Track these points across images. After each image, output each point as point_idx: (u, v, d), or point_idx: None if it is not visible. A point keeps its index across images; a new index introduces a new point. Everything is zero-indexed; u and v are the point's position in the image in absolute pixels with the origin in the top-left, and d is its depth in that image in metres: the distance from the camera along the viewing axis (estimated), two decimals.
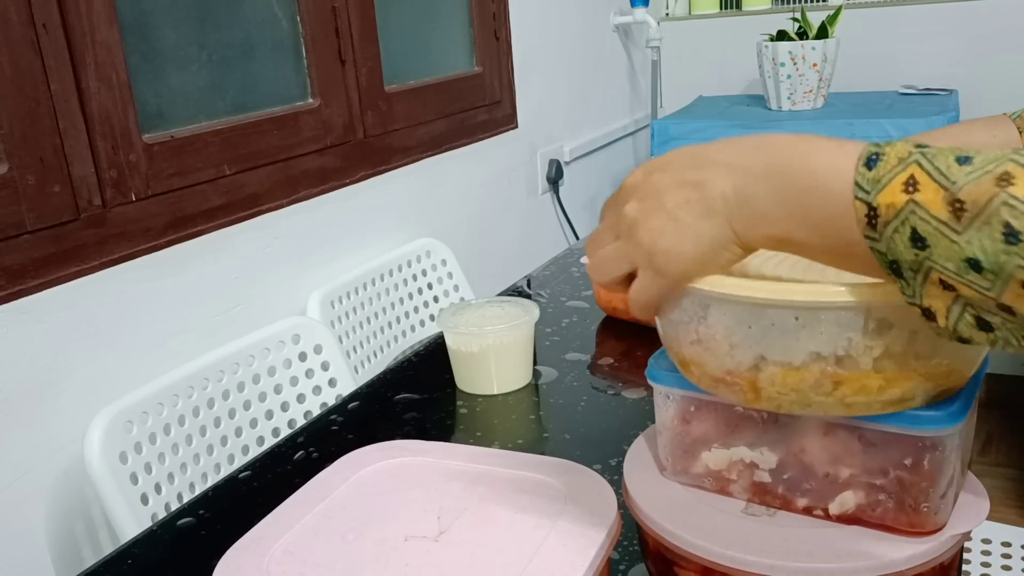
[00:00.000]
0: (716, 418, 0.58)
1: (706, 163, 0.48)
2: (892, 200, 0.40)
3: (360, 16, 1.55)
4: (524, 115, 2.11)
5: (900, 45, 2.53)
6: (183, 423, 1.13)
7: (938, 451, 0.51)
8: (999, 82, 2.43)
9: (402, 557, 0.52)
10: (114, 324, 1.14)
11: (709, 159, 0.48)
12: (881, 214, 0.40)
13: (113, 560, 0.73)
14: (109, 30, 1.10)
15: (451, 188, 1.86)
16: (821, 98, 2.29)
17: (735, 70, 2.76)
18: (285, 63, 1.43)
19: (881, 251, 0.41)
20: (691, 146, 0.50)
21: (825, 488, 0.55)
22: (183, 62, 1.26)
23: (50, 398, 1.07)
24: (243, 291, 1.34)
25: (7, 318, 1.02)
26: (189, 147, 1.23)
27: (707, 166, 0.48)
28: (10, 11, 0.99)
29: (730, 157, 0.47)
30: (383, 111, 1.62)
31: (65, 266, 1.07)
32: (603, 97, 2.56)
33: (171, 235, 1.21)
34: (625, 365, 1.03)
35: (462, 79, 1.88)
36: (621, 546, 0.67)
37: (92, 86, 1.09)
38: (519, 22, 2.06)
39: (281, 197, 1.40)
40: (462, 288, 1.75)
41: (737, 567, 0.52)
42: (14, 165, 1.00)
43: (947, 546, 0.52)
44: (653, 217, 0.49)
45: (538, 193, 2.22)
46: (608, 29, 2.56)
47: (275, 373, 1.28)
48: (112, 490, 0.99)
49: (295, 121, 1.42)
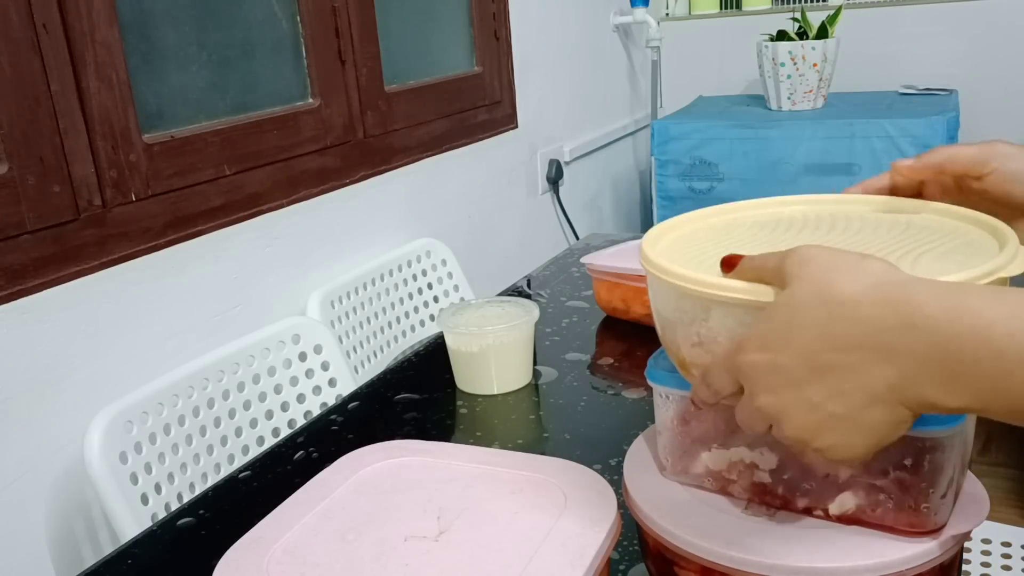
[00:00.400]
0: (716, 418, 0.58)
1: (847, 344, 0.41)
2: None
3: (360, 16, 1.55)
4: (524, 115, 2.11)
5: (900, 45, 2.53)
6: (183, 423, 1.12)
7: (938, 451, 0.51)
8: (999, 82, 2.43)
9: (402, 557, 0.52)
10: (114, 324, 1.14)
11: (850, 339, 0.41)
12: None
13: (113, 560, 0.73)
14: (109, 30, 1.10)
15: (451, 188, 1.86)
16: (821, 98, 2.29)
17: (735, 70, 2.76)
18: (285, 63, 1.43)
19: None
20: (803, 305, 0.43)
21: (825, 488, 0.55)
22: (183, 62, 1.26)
23: (50, 398, 1.07)
24: (243, 291, 1.34)
25: (7, 318, 1.02)
26: (189, 147, 1.23)
27: (851, 349, 0.41)
28: (10, 11, 0.99)
29: (879, 338, 0.40)
30: (383, 111, 1.62)
31: (65, 266, 1.07)
32: (603, 97, 2.56)
33: (171, 235, 1.21)
34: (625, 365, 1.03)
35: (462, 79, 1.88)
36: (621, 546, 0.67)
37: (92, 86, 1.09)
38: (519, 22, 2.06)
39: (281, 197, 1.40)
40: (462, 288, 1.75)
41: (737, 567, 0.52)
42: (14, 165, 1.00)
43: (947, 546, 0.52)
44: (798, 414, 0.43)
45: (538, 193, 2.22)
46: (608, 29, 2.56)
47: (275, 373, 1.28)
48: (112, 490, 0.99)
49: (295, 121, 1.42)
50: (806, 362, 0.42)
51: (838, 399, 0.42)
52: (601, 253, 1.17)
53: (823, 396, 0.42)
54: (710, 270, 0.52)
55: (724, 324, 0.50)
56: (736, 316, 0.49)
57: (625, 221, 2.76)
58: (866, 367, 0.41)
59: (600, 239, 1.57)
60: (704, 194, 2.27)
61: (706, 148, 2.24)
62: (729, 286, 0.49)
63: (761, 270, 0.47)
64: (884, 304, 0.40)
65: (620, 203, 2.70)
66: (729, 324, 0.50)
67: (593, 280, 1.17)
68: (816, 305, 0.42)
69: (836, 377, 0.42)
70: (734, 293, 0.48)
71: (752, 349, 0.45)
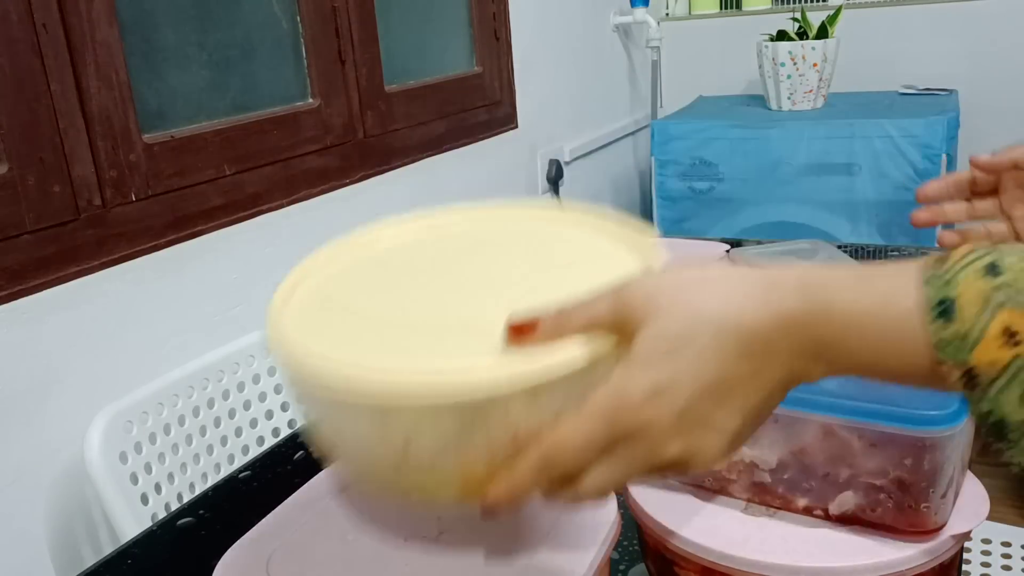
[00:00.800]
0: None
1: (738, 358, 0.39)
2: (993, 357, 0.35)
3: (360, 16, 1.55)
4: (524, 115, 2.11)
5: (900, 45, 2.53)
6: (183, 423, 1.12)
7: (938, 451, 0.51)
8: (999, 82, 2.43)
9: (402, 557, 0.52)
10: (114, 324, 1.14)
11: (740, 352, 0.39)
12: (981, 374, 0.35)
13: (113, 560, 0.73)
14: (109, 30, 1.10)
15: (451, 188, 1.86)
16: (821, 98, 2.29)
17: (735, 70, 2.76)
18: (285, 63, 1.43)
19: (984, 411, 0.36)
20: (683, 336, 0.39)
21: (825, 488, 0.55)
22: (183, 62, 1.26)
23: (50, 398, 1.07)
24: (243, 291, 1.34)
25: (7, 318, 1.02)
26: (189, 147, 1.23)
27: (742, 361, 0.39)
28: (10, 11, 0.99)
29: (766, 344, 0.39)
30: (383, 111, 1.62)
31: (65, 266, 1.07)
32: (603, 97, 2.56)
33: (171, 235, 1.21)
34: None
35: (462, 79, 1.88)
36: (621, 546, 0.67)
37: (92, 86, 1.09)
38: (519, 22, 2.06)
39: (281, 197, 1.40)
40: None
41: (737, 567, 0.52)
42: (14, 165, 1.00)
43: (947, 546, 0.52)
44: (710, 446, 0.40)
45: (538, 193, 2.22)
46: (608, 29, 2.56)
47: (275, 373, 1.28)
48: (112, 490, 0.99)
49: (295, 121, 1.42)
50: (708, 391, 0.39)
51: (739, 413, 0.40)
52: None
53: (728, 416, 0.40)
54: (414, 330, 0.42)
55: (551, 405, 0.39)
56: (570, 387, 0.39)
57: None
58: (761, 374, 0.40)
59: None
60: (704, 194, 2.27)
61: (706, 148, 2.24)
62: (563, 360, 0.39)
63: (593, 322, 0.41)
64: (762, 314, 0.39)
65: (620, 203, 2.70)
66: (558, 401, 0.39)
67: None
68: (698, 333, 0.39)
69: (739, 393, 0.40)
70: (568, 367, 0.39)
71: (641, 402, 0.39)
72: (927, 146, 2.00)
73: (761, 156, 2.19)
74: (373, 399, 0.38)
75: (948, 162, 2.01)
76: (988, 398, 0.35)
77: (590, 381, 0.39)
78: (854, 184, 2.10)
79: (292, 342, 0.42)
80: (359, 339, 0.43)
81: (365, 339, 0.43)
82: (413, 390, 0.37)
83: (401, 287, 0.50)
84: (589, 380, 0.39)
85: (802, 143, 2.14)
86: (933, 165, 2.00)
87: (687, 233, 2.29)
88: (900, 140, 2.03)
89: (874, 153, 2.06)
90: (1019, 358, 0.34)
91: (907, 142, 2.02)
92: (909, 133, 2.02)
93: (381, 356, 0.41)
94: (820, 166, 2.14)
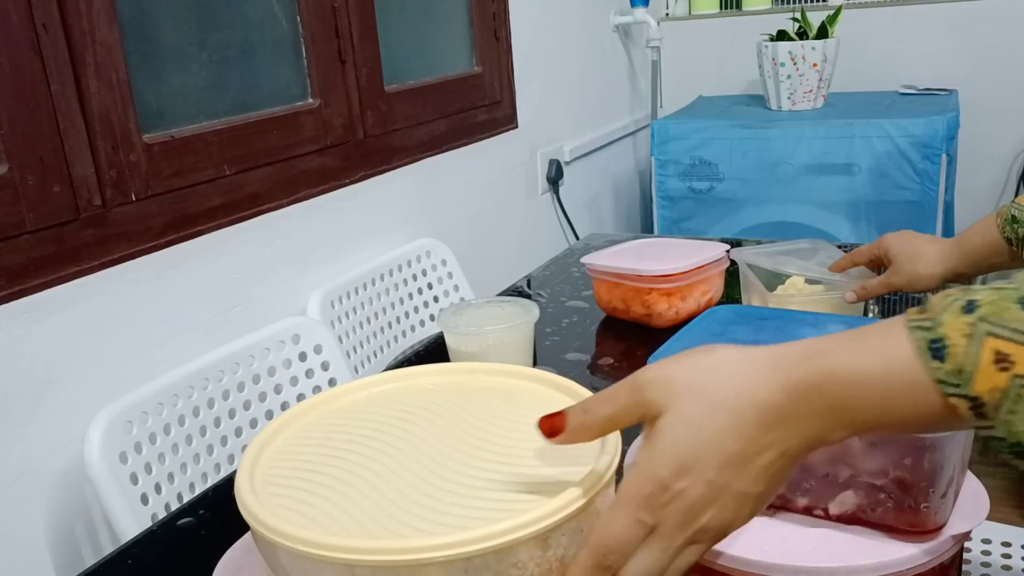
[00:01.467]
0: None
1: (759, 432, 0.43)
2: (992, 384, 0.37)
3: (360, 16, 1.55)
4: (524, 115, 2.11)
5: (900, 45, 2.53)
6: (183, 423, 1.12)
7: (938, 451, 0.51)
8: (999, 82, 2.43)
9: None
10: (114, 324, 1.14)
11: (760, 427, 0.43)
12: (987, 401, 0.37)
13: (113, 560, 0.73)
14: (109, 30, 1.10)
15: (451, 188, 1.86)
16: (821, 98, 2.29)
17: (735, 70, 2.76)
18: (285, 63, 1.43)
19: (1000, 437, 0.38)
20: (705, 418, 0.43)
21: (825, 488, 0.55)
22: (183, 62, 1.26)
23: (50, 398, 1.07)
24: (243, 291, 1.34)
25: (7, 318, 1.02)
26: (189, 147, 1.23)
27: (764, 433, 0.43)
28: (10, 11, 0.99)
29: (782, 415, 0.42)
30: (383, 111, 1.62)
31: (65, 266, 1.07)
32: (603, 97, 2.56)
33: (171, 235, 1.21)
34: (625, 365, 1.03)
35: (462, 79, 1.88)
36: None
37: (92, 86, 1.09)
38: (519, 22, 2.06)
39: (281, 197, 1.40)
40: (462, 288, 1.75)
41: (737, 567, 0.52)
42: (14, 165, 1.00)
43: (947, 546, 0.52)
44: (743, 514, 0.44)
45: (538, 193, 2.22)
46: (608, 29, 2.56)
47: (275, 373, 1.28)
48: (112, 490, 0.99)
49: (295, 121, 1.42)
50: (732, 461, 0.43)
51: (763, 478, 0.43)
52: (601, 253, 1.17)
53: (752, 482, 0.43)
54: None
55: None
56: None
57: (625, 221, 2.76)
58: (780, 442, 0.43)
59: (600, 239, 1.57)
60: (704, 194, 2.27)
61: (706, 148, 2.24)
62: (572, 497, 0.45)
63: (616, 416, 0.46)
64: (772, 387, 0.43)
65: (620, 203, 2.70)
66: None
67: (593, 280, 1.17)
68: (716, 412, 0.43)
69: (761, 461, 0.43)
70: (577, 501, 0.45)
71: (672, 478, 0.43)
72: (927, 146, 2.00)
73: (761, 156, 2.19)
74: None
75: (948, 162, 2.01)
76: (999, 423, 0.38)
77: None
78: (854, 184, 2.10)
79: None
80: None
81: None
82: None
83: (367, 453, 0.54)
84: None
85: (802, 143, 2.14)
86: (933, 165, 2.00)
87: (687, 233, 2.29)
88: (900, 140, 2.03)
89: (874, 153, 2.06)
90: (1018, 378, 0.37)
91: (907, 142, 2.02)
92: (909, 133, 2.02)
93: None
94: (820, 166, 2.14)
